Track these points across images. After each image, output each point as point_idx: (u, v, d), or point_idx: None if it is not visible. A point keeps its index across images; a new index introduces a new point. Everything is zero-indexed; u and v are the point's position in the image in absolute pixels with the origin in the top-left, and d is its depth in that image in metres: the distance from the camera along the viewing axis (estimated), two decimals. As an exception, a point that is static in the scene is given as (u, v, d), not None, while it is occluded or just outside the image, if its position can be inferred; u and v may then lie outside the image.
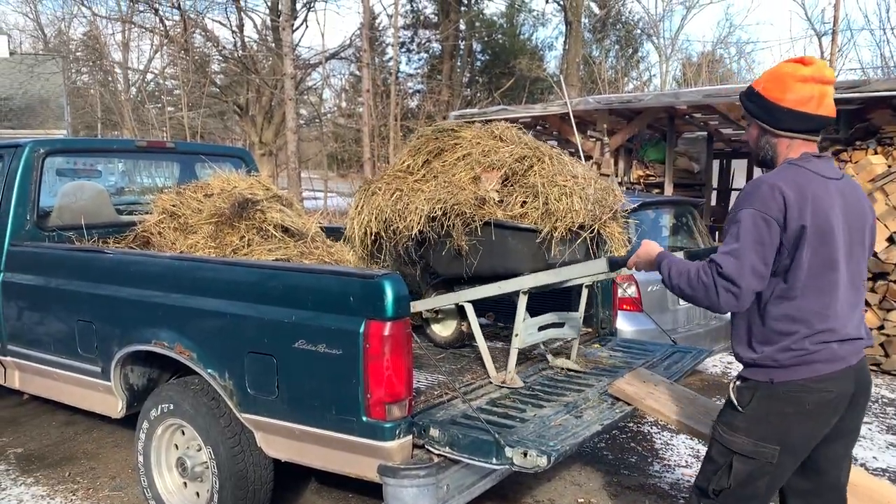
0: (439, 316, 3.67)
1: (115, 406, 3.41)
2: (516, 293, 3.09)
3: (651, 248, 2.37)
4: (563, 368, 3.36)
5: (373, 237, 3.39)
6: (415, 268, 3.44)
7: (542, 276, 2.99)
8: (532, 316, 3.23)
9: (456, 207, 3.08)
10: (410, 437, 2.44)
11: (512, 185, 3.16)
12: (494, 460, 2.29)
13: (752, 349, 2.15)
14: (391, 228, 3.27)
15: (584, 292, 3.46)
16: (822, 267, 2.06)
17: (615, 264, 2.68)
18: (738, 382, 2.19)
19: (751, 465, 2.13)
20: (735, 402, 2.17)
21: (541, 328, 3.22)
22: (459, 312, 3.49)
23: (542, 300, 3.64)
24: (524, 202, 3.09)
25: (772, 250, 2.03)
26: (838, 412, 2.13)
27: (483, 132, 3.39)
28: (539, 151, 3.25)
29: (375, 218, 3.33)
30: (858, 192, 2.24)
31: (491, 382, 3.03)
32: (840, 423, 2.16)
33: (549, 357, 3.49)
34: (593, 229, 3.04)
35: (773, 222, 2.02)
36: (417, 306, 3.41)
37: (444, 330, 3.66)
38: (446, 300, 3.34)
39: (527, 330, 3.13)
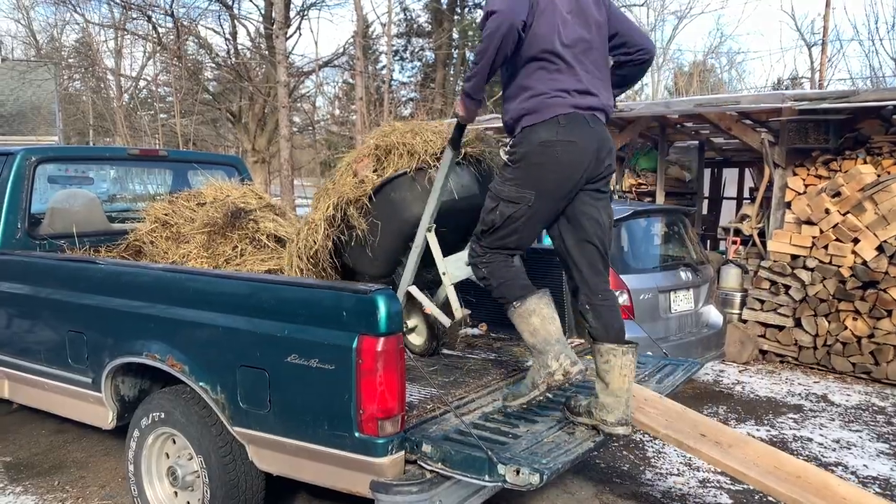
0: (411, 325, 3.70)
1: (106, 417, 3.39)
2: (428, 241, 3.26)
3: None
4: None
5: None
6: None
7: (427, 205, 3.17)
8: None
9: (342, 198, 3.32)
10: (403, 452, 2.43)
11: (385, 162, 3.40)
12: (487, 477, 2.29)
13: (508, 111, 2.65)
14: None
15: None
16: (553, 35, 2.50)
17: (453, 141, 2.94)
18: (507, 146, 2.71)
19: (511, 207, 2.63)
20: (506, 160, 2.70)
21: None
22: (430, 326, 3.60)
23: None
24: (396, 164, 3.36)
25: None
26: (584, 164, 2.59)
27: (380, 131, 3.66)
28: (398, 127, 3.53)
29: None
30: None
31: (483, 396, 3.02)
32: (591, 176, 2.65)
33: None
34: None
35: None
36: None
37: (417, 339, 3.69)
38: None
39: (453, 265, 3.25)
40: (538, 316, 2.66)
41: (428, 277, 3.53)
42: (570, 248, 2.74)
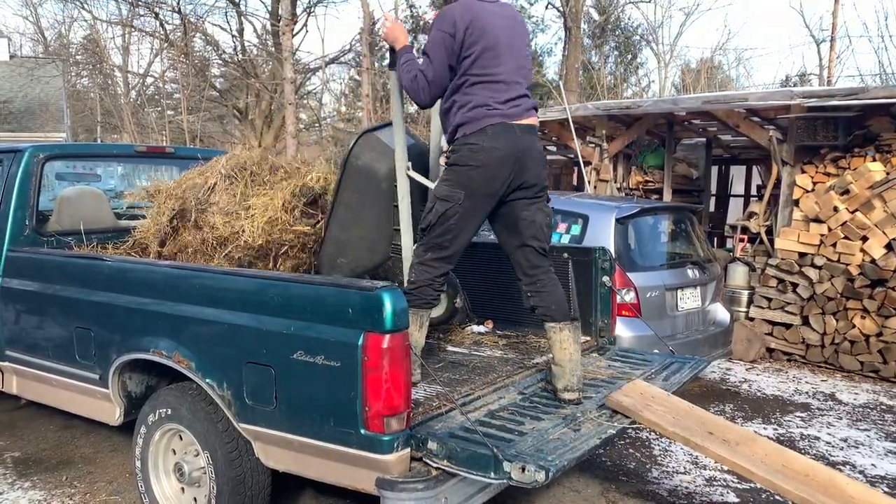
0: None
1: (113, 413, 3.41)
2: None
3: (398, 33, 3.16)
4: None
5: None
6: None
7: (396, 142, 3.30)
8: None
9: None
10: (409, 449, 2.43)
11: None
12: (492, 474, 2.29)
13: (449, 123, 3.01)
14: None
15: None
16: (488, 60, 2.90)
17: (392, 64, 3.22)
18: (447, 154, 3.03)
19: (445, 205, 2.93)
20: (443, 164, 3.05)
21: None
22: (451, 290, 3.70)
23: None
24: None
25: (451, 54, 2.91)
26: (507, 167, 2.91)
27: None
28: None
29: None
30: (510, 9, 3.15)
31: (489, 394, 3.02)
32: (516, 187, 2.97)
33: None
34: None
35: (448, 35, 2.89)
36: None
37: (436, 310, 3.69)
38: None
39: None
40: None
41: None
42: (511, 251, 3.15)
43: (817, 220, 6.48)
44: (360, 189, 3.40)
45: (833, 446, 4.59)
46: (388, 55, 3.32)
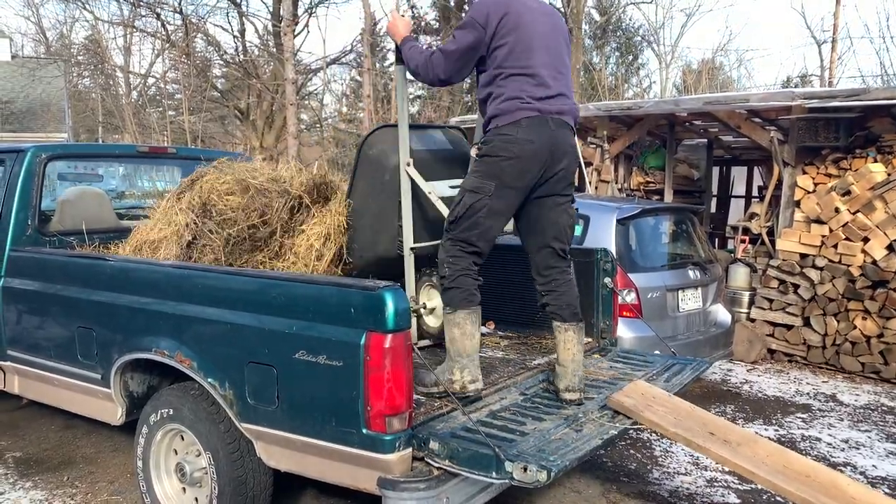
0: (430, 307, 3.71)
1: (115, 413, 3.41)
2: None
3: (399, 26, 3.15)
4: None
5: None
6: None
7: (400, 139, 3.26)
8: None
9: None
10: (410, 449, 2.43)
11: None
12: (494, 474, 2.29)
13: (484, 113, 2.98)
14: None
15: None
16: (522, 53, 2.86)
17: (398, 60, 3.22)
18: (479, 145, 3.00)
19: (474, 197, 2.86)
20: (475, 155, 3.04)
21: (453, 187, 3.47)
22: None
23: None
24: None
25: (479, 42, 2.88)
26: (539, 161, 2.86)
27: None
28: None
29: None
30: (550, 7, 3.13)
31: (491, 394, 3.02)
32: (546, 180, 2.92)
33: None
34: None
35: (479, 26, 2.86)
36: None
37: (436, 321, 3.69)
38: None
39: (437, 187, 3.36)
40: (460, 329, 2.89)
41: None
42: (530, 250, 3.15)
43: (818, 221, 6.48)
44: (370, 179, 3.42)
45: (834, 447, 4.59)
46: (394, 51, 3.32)
